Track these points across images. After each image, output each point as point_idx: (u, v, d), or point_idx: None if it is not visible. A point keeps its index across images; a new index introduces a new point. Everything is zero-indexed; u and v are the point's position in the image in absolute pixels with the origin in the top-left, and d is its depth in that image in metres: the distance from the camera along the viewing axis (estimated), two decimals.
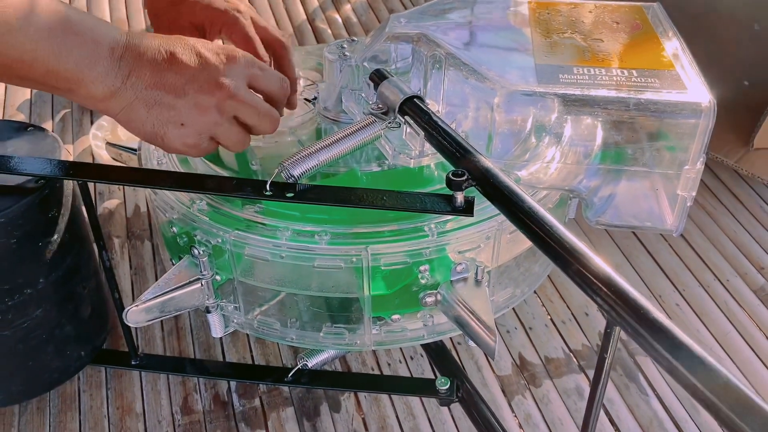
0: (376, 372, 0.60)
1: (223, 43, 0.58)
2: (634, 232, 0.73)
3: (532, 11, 0.58)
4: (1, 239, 0.46)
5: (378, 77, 0.53)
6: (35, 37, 0.40)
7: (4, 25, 0.38)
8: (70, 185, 0.51)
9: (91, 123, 0.81)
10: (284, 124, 0.60)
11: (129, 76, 0.44)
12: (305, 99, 0.63)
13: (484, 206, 0.48)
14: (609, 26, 0.56)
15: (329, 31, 1.01)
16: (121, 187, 0.74)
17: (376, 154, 0.57)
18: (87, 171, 0.47)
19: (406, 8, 1.06)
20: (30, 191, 0.47)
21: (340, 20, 1.03)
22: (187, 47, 0.46)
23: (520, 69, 0.49)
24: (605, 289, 0.34)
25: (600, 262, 0.35)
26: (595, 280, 0.34)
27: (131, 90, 0.44)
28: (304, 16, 1.04)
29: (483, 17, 0.58)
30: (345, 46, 0.59)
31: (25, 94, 0.87)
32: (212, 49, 0.47)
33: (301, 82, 0.65)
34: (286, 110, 0.62)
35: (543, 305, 0.67)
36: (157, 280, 0.66)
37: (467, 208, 0.44)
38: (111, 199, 0.73)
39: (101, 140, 0.76)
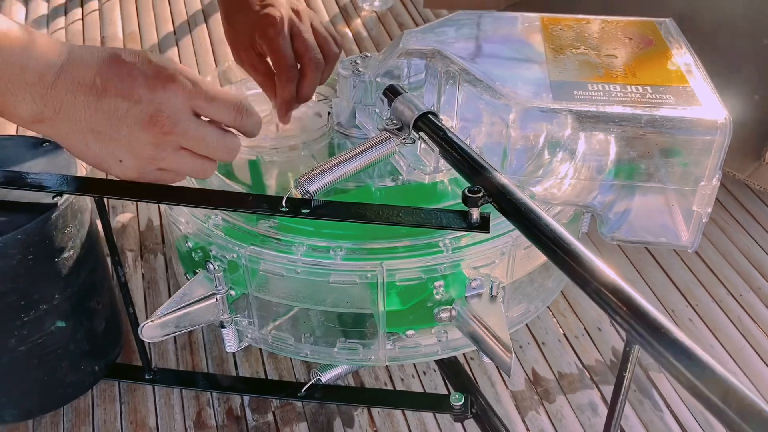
0: (389, 387, 0.60)
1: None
2: (646, 248, 0.73)
3: (545, 27, 0.58)
4: (19, 255, 0.46)
5: (392, 93, 0.53)
6: None
7: None
8: (85, 200, 0.51)
9: None
10: (298, 140, 0.60)
11: (61, 108, 0.41)
12: (316, 113, 0.64)
13: (498, 222, 0.48)
14: (622, 42, 0.56)
15: None
16: (135, 201, 0.74)
17: (389, 170, 0.57)
18: (104, 187, 0.48)
19: (416, 23, 1.06)
20: (47, 207, 0.47)
21: (350, 34, 1.04)
22: (124, 77, 0.43)
23: (535, 85, 0.49)
24: (625, 308, 0.34)
25: (618, 280, 0.35)
26: (614, 299, 0.34)
27: (65, 122, 0.42)
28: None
29: (496, 33, 0.58)
30: (358, 62, 0.59)
31: None
32: (151, 76, 0.43)
33: (314, 97, 0.66)
34: (300, 125, 0.62)
35: (556, 320, 0.66)
36: (170, 294, 0.67)
37: (483, 225, 0.44)
38: (124, 213, 0.73)
39: None
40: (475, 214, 0.44)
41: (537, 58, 0.53)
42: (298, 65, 0.58)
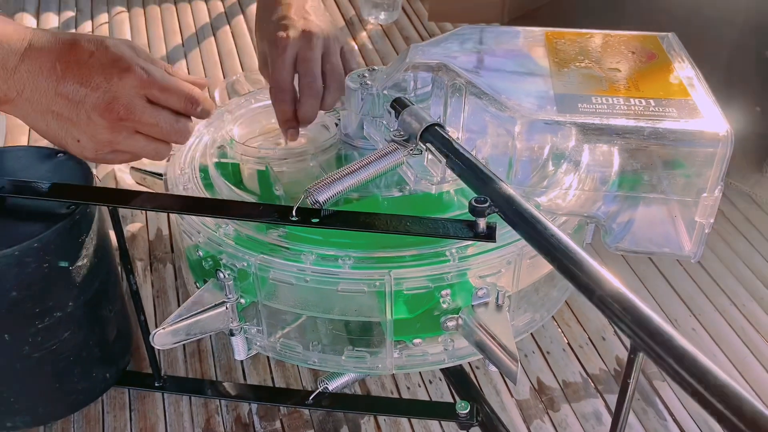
0: (395, 395, 0.61)
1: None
2: (650, 258, 0.74)
3: (549, 41, 0.59)
4: (34, 263, 0.47)
5: (399, 105, 0.54)
6: None
7: None
8: (98, 210, 0.52)
9: None
10: (306, 150, 0.61)
11: (24, 90, 0.45)
12: (323, 125, 0.65)
13: (503, 232, 0.49)
14: (625, 56, 0.57)
15: None
16: (144, 210, 0.75)
17: (396, 180, 0.58)
18: (118, 197, 0.49)
19: (420, 36, 1.08)
20: (62, 217, 0.48)
21: (356, 47, 1.05)
22: (82, 65, 0.45)
23: (540, 98, 0.50)
24: (629, 316, 0.35)
25: (623, 289, 0.36)
26: (619, 307, 0.35)
27: (27, 103, 0.45)
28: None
29: (501, 47, 0.60)
30: (366, 75, 0.60)
31: None
32: (107, 65, 0.46)
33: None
34: (309, 136, 0.63)
35: (560, 329, 0.67)
36: (179, 302, 0.67)
37: (489, 234, 0.45)
38: (134, 223, 0.74)
39: (124, 164, 0.77)
40: (482, 223, 0.45)
41: (541, 72, 0.55)
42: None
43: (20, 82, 0.44)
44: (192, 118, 0.53)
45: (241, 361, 0.62)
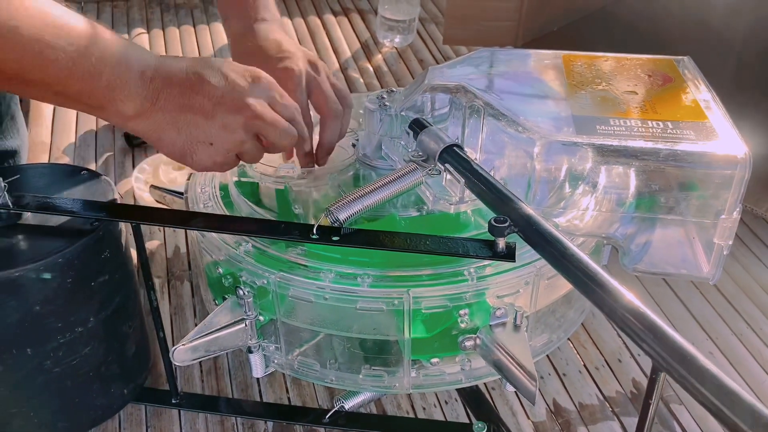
0: (411, 415, 0.60)
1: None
2: (665, 280, 0.74)
3: (566, 64, 0.60)
4: (58, 278, 0.48)
5: (417, 126, 0.55)
6: (72, 55, 0.42)
7: (43, 44, 0.41)
8: (120, 227, 0.53)
9: (133, 166, 0.84)
10: (325, 170, 0.62)
11: (158, 99, 0.46)
12: (341, 146, 0.65)
13: (522, 252, 0.49)
14: (642, 79, 0.57)
15: (361, 80, 1.04)
16: (162, 228, 0.76)
17: (413, 200, 0.58)
18: (141, 214, 0.49)
19: (435, 59, 1.09)
20: (86, 233, 0.49)
21: (371, 69, 1.07)
22: (215, 69, 0.48)
23: (558, 120, 0.51)
24: (651, 335, 0.35)
25: (644, 308, 0.36)
26: (641, 326, 0.35)
27: (161, 113, 0.46)
28: (337, 65, 1.07)
29: (518, 69, 0.60)
30: (384, 96, 0.61)
31: (69, 137, 0.90)
32: (238, 70, 0.49)
33: None
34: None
35: (576, 352, 0.67)
36: (196, 320, 0.68)
37: (509, 254, 0.45)
38: (152, 240, 0.75)
39: (143, 183, 0.79)
40: (501, 243, 0.45)
41: (559, 94, 0.55)
42: (319, 116, 0.60)
43: (155, 91, 0.46)
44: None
45: (258, 379, 0.62)
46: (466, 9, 1.02)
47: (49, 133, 0.91)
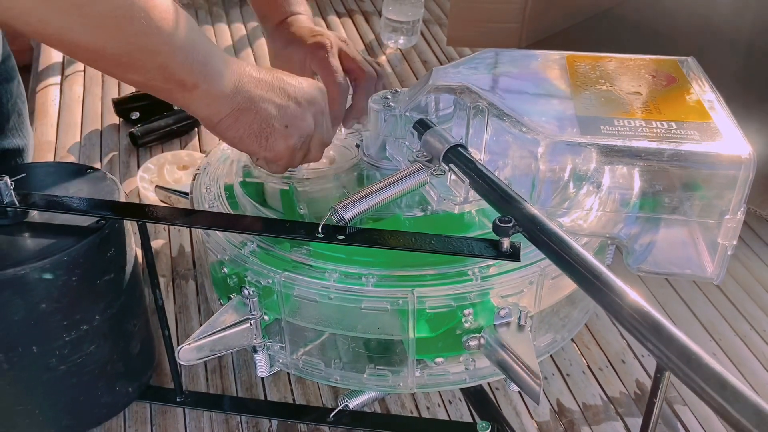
0: (415, 415, 0.61)
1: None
2: (668, 281, 0.74)
3: (570, 64, 0.60)
4: (63, 276, 0.48)
5: (422, 126, 0.55)
6: (179, 27, 0.44)
7: (154, 19, 0.42)
8: (125, 225, 0.53)
9: (138, 165, 0.84)
10: (329, 170, 0.62)
11: (239, 81, 0.49)
12: (345, 146, 0.66)
13: (526, 252, 0.49)
14: (646, 79, 0.58)
15: None
16: (167, 227, 0.76)
17: (417, 200, 0.58)
18: (146, 212, 0.50)
19: (439, 60, 1.09)
20: (91, 231, 0.49)
21: None
22: (285, 71, 0.54)
23: (562, 120, 0.51)
24: (656, 334, 0.35)
25: (649, 308, 0.36)
26: (645, 326, 0.35)
27: (242, 94, 0.49)
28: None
29: (522, 70, 0.60)
30: (389, 96, 0.62)
31: (75, 136, 0.90)
32: (306, 78, 0.55)
33: (344, 131, 0.68)
34: (331, 156, 0.65)
35: (580, 352, 0.67)
36: (200, 319, 0.68)
37: (513, 254, 0.45)
38: (157, 240, 0.75)
39: (148, 182, 0.79)
40: (506, 243, 0.45)
41: (563, 94, 0.55)
42: (351, 81, 0.66)
43: (236, 72, 0.49)
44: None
45: (262, 378, 0.62)
46: (470, 10, 1.02)
47: (54, 132, 0.91)
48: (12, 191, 0.50)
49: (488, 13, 1.02)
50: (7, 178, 0.49)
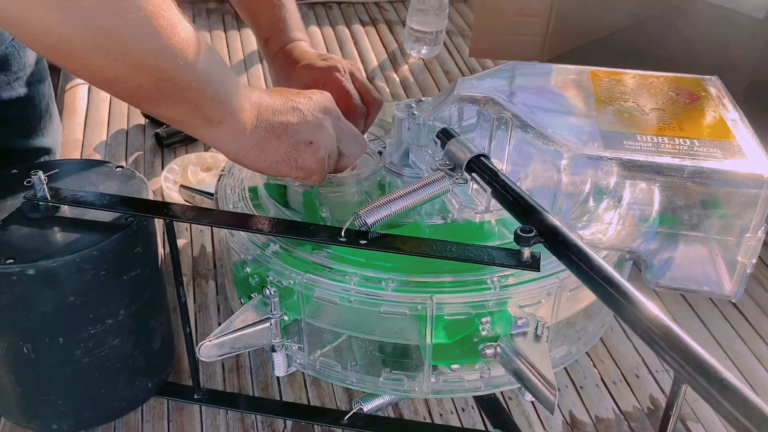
0: (428, 421, 0.61)
1: None
2: (684, 297, 0.74)
3: (594, 79, 0.61)
4: (92, 270, 0.49)
5: (445, 136, 0.56)
6: (207, 63, 0.45)
7: (187, 57, 0.43)
8: (152, 223, 0.54)
9: (162, 166, 0.86)
10: (351, 176, 0.63)
11: (259, 111, 0.50)
12: (367, 153, 0.67)
13: (544, 263, 0.50)
14: (669, 97, 0.58)
15: (387, 89, 1.05)
16: (189, 227, 0.78)
17: (437, 208, 0.59)
18: (175, 211, 0.51)
19: (461, 71, 1.10)
20: (120, 227, 0.50)
21: (397, 79, 1.08)
22: (291, 89, 0.56)
23: (586, 134, 0.52)
24: (674, 347, 0.35)
25: (668, 321, 0.37)
26: (664, 339, 0.36)
27: (261, 125, 0.50)
28: (364, 74, 1.08)
29: (546, 83, 0.61)
30: (413, 105, 0.62)
31: (101, 135, 0.92)
32: (313, 90, 0.57)
33: (365, 137, 0.69)
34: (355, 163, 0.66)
35: (594, 365, 0.67)
36: (219, 318, 0.69)
37: (534, 264, 0.46)
38: (179, 239, 0.76)
39: (172, 182, 0.80)
40: (527, 252, 0.46)
41: (586, 109, 0.56)
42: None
43: (256, 101, 0.50)
44: None
45: (278, 379, 0.63)
46: (494, 23, 1.03)
47: (81, 131, 0.93)
48: (45, 186, 0.51)
49: (512, 26, 1.03)
50: (41, 173, 0.51)
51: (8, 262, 0.47)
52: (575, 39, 1.06)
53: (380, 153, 0.66)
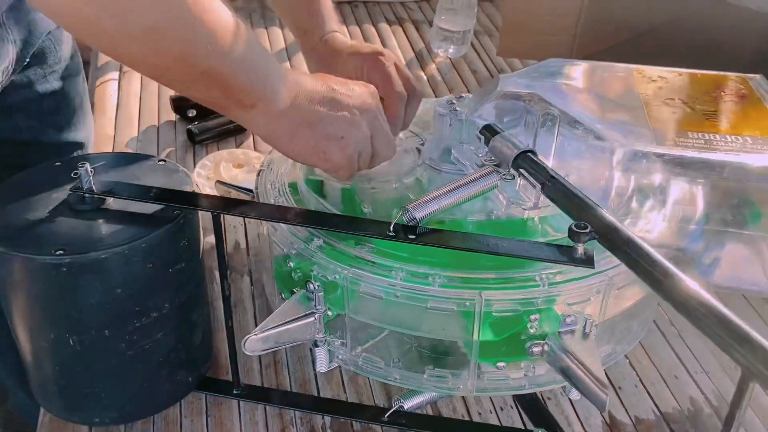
0: (467, 419, 0.61)
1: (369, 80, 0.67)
2: (718, 296, 0.73)
3: (639, 77, 0.60)
4: (140, 263, 0.49)
5: (489, 132, 0.56)
6: (243, 49, 0.45)
7: (218, 42, 0.44)
8: (197, 216, 0.54)
9: (194, 162, 0.85)
10: (391, 172, 0.62)
11: (296, 98, 0.50)
12: (406, 149, 0.66)
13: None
14: (716, 94, 0.58)
15: None
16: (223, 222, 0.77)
17: (478, 206, 0.59)
18: (223, 204, 0.51)
19: (488, 70, 1.10)
20: (168, 220, 0.50)
21: (425, 78, 1.08)
22: (333, 78, 0.54)
23: (635, 130, 0.51)
24: (742, 342, 0.35)
25: (734, 317, 0.36)
26: (731, 333, 0.35)
27: (297, 111, 0.50)
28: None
29: (589, 81, 0.61)
30: (455, 101, 0.62)
31: (132, 131, 0.92)
32: (357, 82, 0.56)
33: (403, 134, 0.69)
34: (393, 159, 0.65)
35: (632, 366, 0.66)
36: (255, 313, 0.69)
37: (588, 260, 0.45)
38: (212, 236, 0.76)
39: (204, 178, 0.80)
40: (580, 249, 0.45)
41: (633, 106, 0.56)
42: None
43: (293, 89, 0.50)
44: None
45: (316, 376, 0.62)
46: (523, 22, 1.03)
47: (112, 126, 0.93)
48: (92, 178, 0.51)
49: (541, 25, 1.03)
50: (87, 164, 0.51)
51: (58, 252, 0.47)
52: (605, 39, 1.06)
53: (419, 149, 0.66)
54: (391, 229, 0.48)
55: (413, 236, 0.48)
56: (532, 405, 0.60)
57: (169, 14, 0.40)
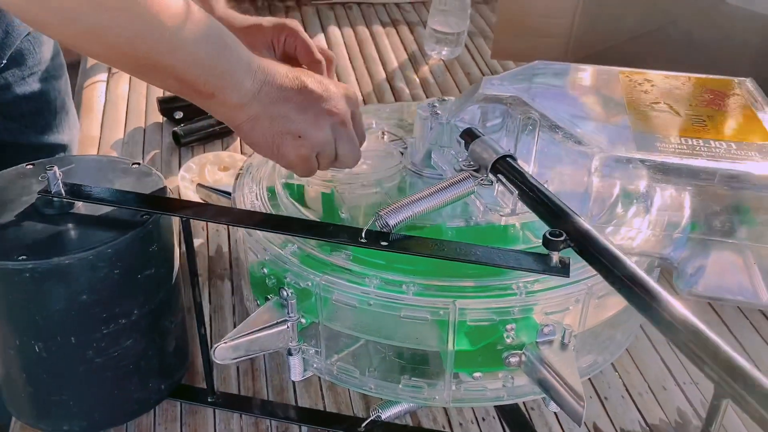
0: (447, 430, 0.59)
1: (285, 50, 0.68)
2: (712, 307, 0.71)
3: (625, 80, 0.59)
4: (106, 269, 0.48)
5: (469, 136, 0.55)
6: (197, 42, 0.45)
7: (168, 30, 0.43)
8: (168, 221, 0.53)
9: (179, 164, 0.84)
10: (371, 177, 0.61)
11: (260, 91, 0.49)
12: (388, 153, 0.65)
13: (572, 269, 0.48)
14: (703, 98, 0.56)
15: (407, 90, 1.04)
16: (205, 227, 0.76)
17: (459, 211, 0.57)
18: (192, 209, 0.50)
19: (482, 72, 1.08)
20: (135, 225, 0.49)
21: (417, 80, 1.06)
22: (313, 76, 0.53)
23: (617, 135, 0.50)
24: (714, 358, 0.33)
25: (708, 332, 0.35)
26: (703, 348, 0.34)
27: (258, 103, 0.49)
28: (384, 76, 1.07)
29: (574, 83, 0.59)
30: (436, 104, 0.61)
31: (118, 133, 0.91)
32: (332, 81, 0.54)
33: (386, 137, 0.67)
34: (374, 163, 0.64)
35: (619, 376, 0.65)
36: (235, 319, 0.68)
37: (563, 269, 0.44)
38: (195, 239, 0.75)
39: (189, 181, 0.79)
40: (555, 257, 0.44)
41: (617, 110, 0.54)
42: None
43: (258, 83, 0.49)
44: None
45: (293, 384, 0.61)
46: (517, 24, 1.02)
47: (98, 128, 0.92)
48: (60, 181, 0.50)
49: (535, 27, 1.01)
50: (56, 168, 0.50)
51: (20, 258, 0.46)
52: (599, 41, 1.04)
53: (402, 153, 0.64)
54: (363, 235, 0.47)
55: (386, 243, 0.47)
56: (514, 416, 0.58)
57: (108, 14, 0.40)
